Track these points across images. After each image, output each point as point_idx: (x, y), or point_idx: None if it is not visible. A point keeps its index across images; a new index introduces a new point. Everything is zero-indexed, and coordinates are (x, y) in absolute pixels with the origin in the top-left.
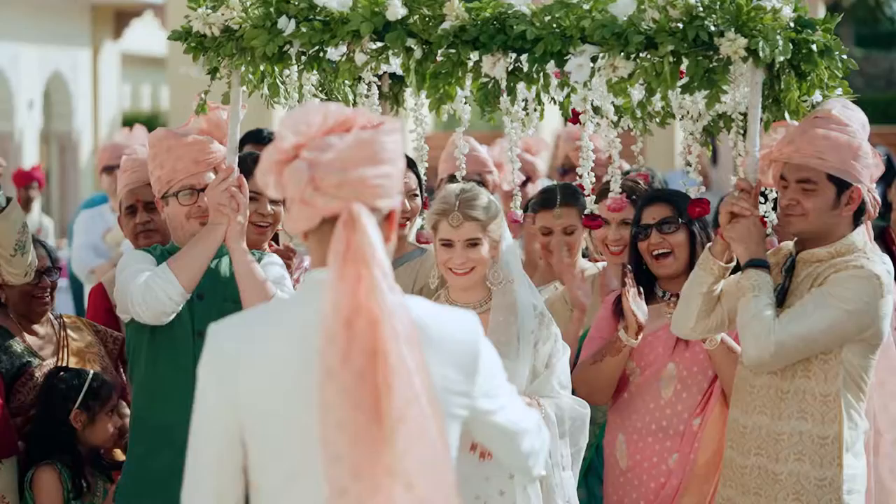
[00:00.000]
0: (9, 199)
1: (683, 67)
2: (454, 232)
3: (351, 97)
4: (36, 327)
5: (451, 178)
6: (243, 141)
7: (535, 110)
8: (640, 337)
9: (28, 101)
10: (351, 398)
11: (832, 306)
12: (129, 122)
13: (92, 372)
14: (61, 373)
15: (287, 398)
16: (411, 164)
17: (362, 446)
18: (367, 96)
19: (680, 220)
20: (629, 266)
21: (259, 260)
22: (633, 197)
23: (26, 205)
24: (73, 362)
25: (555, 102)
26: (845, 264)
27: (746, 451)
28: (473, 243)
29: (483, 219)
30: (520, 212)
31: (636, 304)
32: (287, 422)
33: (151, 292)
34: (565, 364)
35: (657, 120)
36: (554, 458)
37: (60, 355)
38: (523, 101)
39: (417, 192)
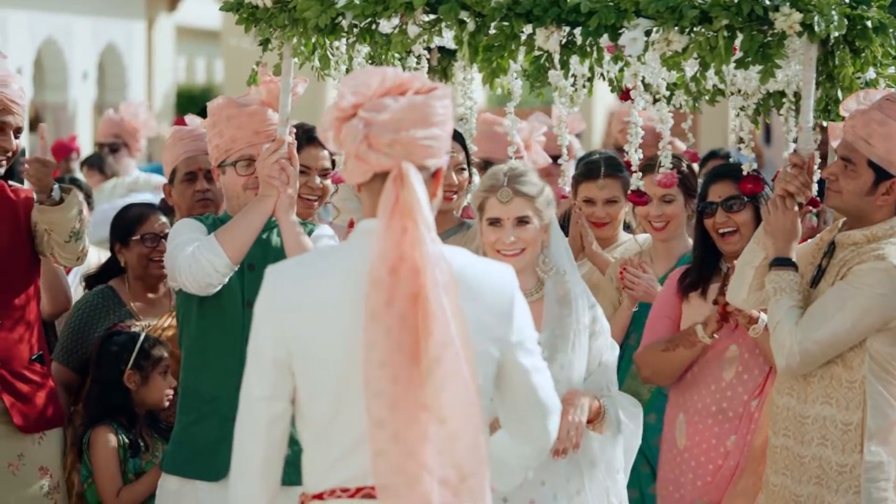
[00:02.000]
0: (68, 191)
1: (737, 42)
2: (503, 209)
3: (400, 70)
4: (152, 296)
5: (484, 163)
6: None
7: (584, 87)
8: (715, 336)
9: (82, 72)
10: (393, 339)
11: (852, 306)
12: (182, 94)
13: (144, 333)
14: (114, 336)
15: (334, 336)
16: (459, 138)
17: (401, 383)
18: (416, 69)
19: (745, 198)
20: (732, 266)
21: (310, 232)
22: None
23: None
24: (170, 334)
25: (604, 78)
26: (868, 254)
27: (776, 430)
28: (524, 220)
29: (534, 194)
30: (568, 187)
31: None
32: (333, 358)
33: (198, 263)
34: (615, 361)
35: (707, 97)
36: (608, 459)
37: (163, 321)
38: (572, 76)
39: (465, 165)
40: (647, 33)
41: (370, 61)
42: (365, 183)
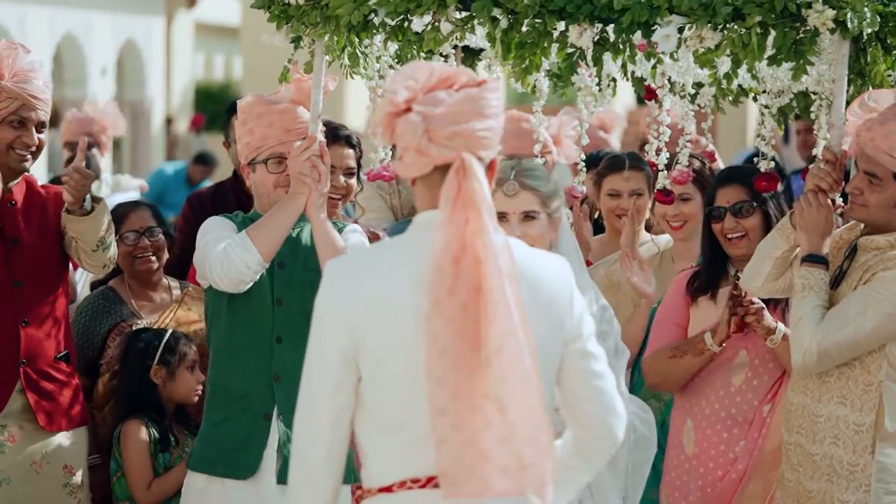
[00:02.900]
0: (98, 201)
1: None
2: (509, 203)
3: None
4: (151, 293)
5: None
6: (229, 111)
7: (608, 86)
8: (724, 345)
9: (101, 68)
10: (455, 328)
11: (874, 311)
12: (201, 91)
13: (171, 330)
14: (140, 332)
15: (400, 326)
16: None
17: (462, 371)
18: None
19: (755, 203)
20: (738, 275)
21: (339, 231)
22: (695, 171)
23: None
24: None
25: (629, 78)
26: (894, 261)
27: (790, 428)
28: (530, 216)
29: (542, 189)
30: (582, 188)
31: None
32: (401, 347)
33: (230, 260)
34: (624, 365)
35: (730, 97)
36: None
37: (164, 318)
38: (596, 76)
39: None
40: (680, 30)
41: (397, 60)
42: (423, 176)
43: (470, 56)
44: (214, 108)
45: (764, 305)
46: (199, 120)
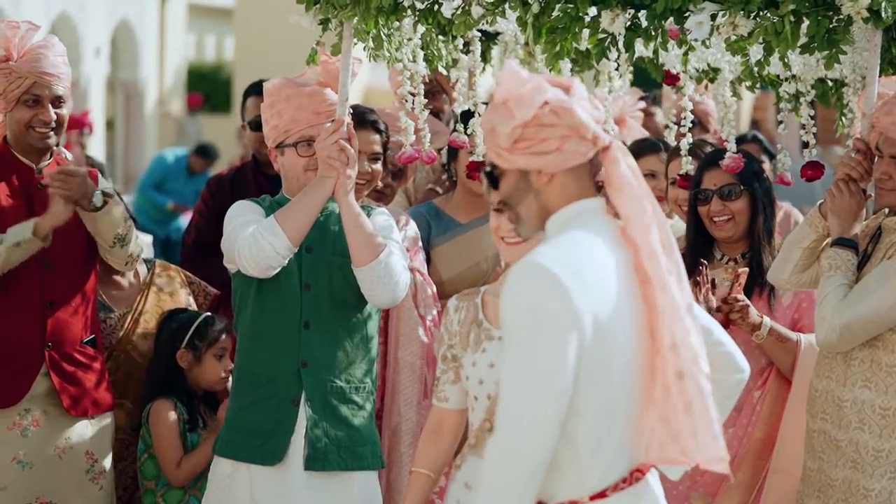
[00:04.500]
0: (109, 196)
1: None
2: None
3: (445, 54)
4: (118, 278)
5: None
6: (247, 93)
7: (622, 76)
8: None
9: (95, 48)
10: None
11: (895, 282)
12: (193, 72)
13: (206, 314)
14: (178, 313)
15: (618, 312)
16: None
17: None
18: (466, 52)
19: (742, 186)
20: (705, 262)
21: (368, 214)
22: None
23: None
24: (145, 318)
25: (654, 64)
26: None
27: (814, 414)
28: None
29: None
30: None
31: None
32: (617, 340)
33: (258, 245)
34: None
35: (747, 84)
36: None
37: (137, 306)
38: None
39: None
40: (713, 17)
41: (420, 46)
42: (579, 165)
43: (486, 40)
44: (206, 88)
45: (749, 302)
46: (195, 100)
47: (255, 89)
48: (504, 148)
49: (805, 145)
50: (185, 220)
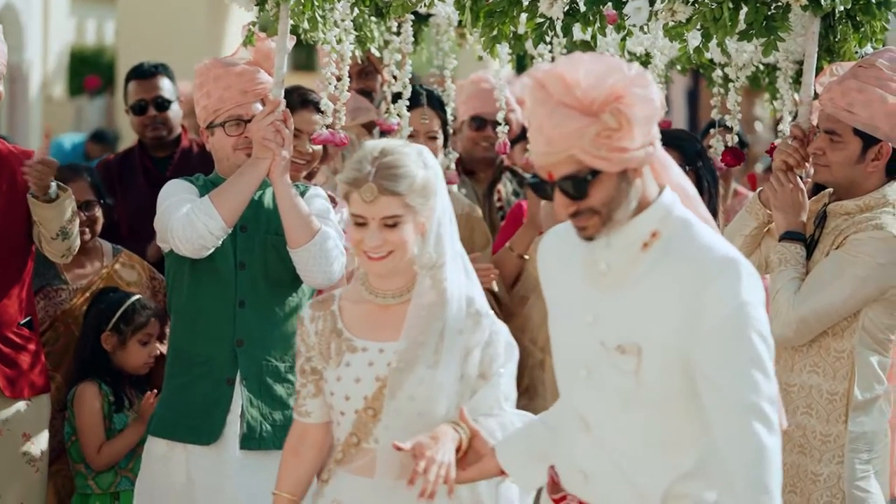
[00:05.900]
0: (63, 190)
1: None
2: (367, 208)
3: (377, 35)
4: (85, 262)
5: (475, 119)
6: (128, 78)
7: (554, 60)
8: None
9: None
10: None
11: (849, 274)
12: (75, 55)
13: (137, 297)
14: (108, 292)
15: None
16: (438, 105)
17: None
18: (397, 34)
19: (688, 167)
20: None
21: (303, 193)
22: None
23: None
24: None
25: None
26: (865, 223)
27: None
28: (392, 223)
29: (404, 191)
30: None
31: None
32: None
33: (192, 226)
34: (512, 373)
35: (679, 67)
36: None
37: (91, 284)
38: (549, 51)
39: (438, 134)
40: (652, 2)
41: (355, 29)
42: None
43: (417, 22)
44: (89, 72)
45: None
46: (94, 82)
47: (136, 73)
48: (616, 148)
49: (728, 130)
50: None
